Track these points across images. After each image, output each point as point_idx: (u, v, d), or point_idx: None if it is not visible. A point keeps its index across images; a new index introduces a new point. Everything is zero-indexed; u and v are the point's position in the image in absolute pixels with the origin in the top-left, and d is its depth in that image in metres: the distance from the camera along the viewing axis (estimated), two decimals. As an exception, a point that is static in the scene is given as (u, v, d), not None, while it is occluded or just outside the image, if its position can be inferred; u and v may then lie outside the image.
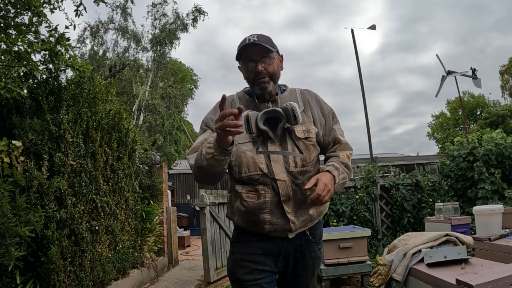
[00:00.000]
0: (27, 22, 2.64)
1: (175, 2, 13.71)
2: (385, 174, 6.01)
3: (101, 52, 13.36)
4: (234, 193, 1.43)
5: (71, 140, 2.87)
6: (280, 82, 1.52)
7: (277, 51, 1.46)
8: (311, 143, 1.41)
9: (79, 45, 13.04)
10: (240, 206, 1.39)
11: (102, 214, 3.26)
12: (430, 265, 1.96)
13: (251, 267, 1.39)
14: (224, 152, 1.21)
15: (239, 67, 1.49)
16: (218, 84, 47.39)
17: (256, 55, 1.39)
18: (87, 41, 13.25)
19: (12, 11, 2.63)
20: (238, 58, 1.45)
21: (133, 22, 13.53)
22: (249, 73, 1.42)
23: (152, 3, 13.52)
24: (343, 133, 1.53)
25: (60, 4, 2.99)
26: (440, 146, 28.96)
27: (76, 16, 3.26)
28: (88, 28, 13.19)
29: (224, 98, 1.16)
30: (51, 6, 2.90)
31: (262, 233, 1.39)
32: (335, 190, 1.35)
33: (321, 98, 1.56)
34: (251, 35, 1.41)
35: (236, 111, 1.13)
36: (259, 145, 1.37)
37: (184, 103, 19.60)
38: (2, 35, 2.37)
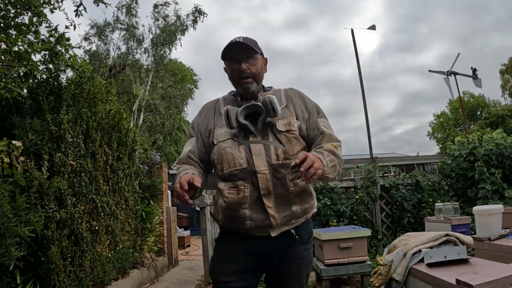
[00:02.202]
0: (27, 22, 2.63)
1: (176, 3, 13.74)
2: (385, 174, 6.00)
3: (103, 51, 13.40)
4: (218, 190, 1.45)
5: (71, 140, 2.87)
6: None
7: (261, 54, 1.50)
8: (293, 135, 1.42)
9: (85, 43, 13.11)
10: (222, 202, 1.41)
11: (102, 214, 3.26)
12: (430, 265, 1.96)
13: (229, 268, 1.41)
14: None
15: (224, 68, 1.53)
16: (217, 84, 47.35)
17: (240, 55, 1.43)
18: (92, 39, 13.31)
19: (12, 11, 2.63)
20: (223, 57, 1.49)
21: (137, 22, 13.58)
22: (233, 72, 1.46)
23: (154, 5, 13.55)
24: (329, 127, 1.52)
25: (60, 4, 2.99)
26: (440, 146, 28.94)
27: (76, 16, 3.26)
28: (93, 27, 13.23)
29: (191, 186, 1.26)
30: (51, 6, 2.90)
31: (244, 229, 1.39)
32: (327, 172, 1.31)
33: (306, 95, 1.58)
34: (237, 37, 1.45)
35: (183, 194, 1.23)
36: (240, 138, 1.39)
37: (184, 103, 19.63)
38: (2, 35, 2.37)
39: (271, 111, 1.35)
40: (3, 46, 2.45)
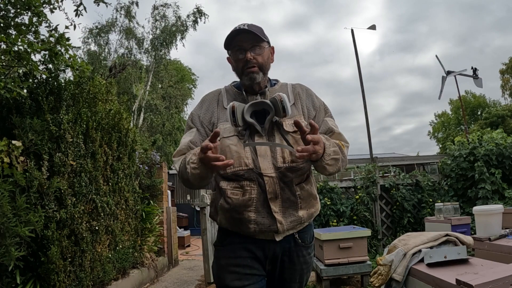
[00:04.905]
0: (27, 22, 2.63)
1: (177, 6, 13.75)
2: (385, 174, 6.01)
3: (104, 52, 13.43)
4: (219, 190, 1.35)
5: (71, 140, 2.87)
6: (276, 79, 1.49)
7: (268, 42, 1.40)
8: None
9: (83, 45, 13.15)
10: (224, 203, 1.31)
11: (102, 214, 3.26)
12: (430, 265, 1.96)
13: (239, 272, 1.31)
14: (210, 172, 1.20)
15: (228, 58, 1.44)
16: (217, 84, 47.40)
17: (246, 43, 1.33)
18: (90, 40, 13.34)
19: (12, 11, 2.63)
20: (227, 46, 1.38)
21: (137, 23, 13.59)
22: (238, 62, 1.36)
23: (154, 6, 13.56)
24: (337, 127, 1.43)
25: (60, 4, 2.99)
26: (440, 146, 28.94)
27: (76, 16, 3.26)
28: (92, 29, 13.26)
29: (216, 133, 1.13)
30: (51, 6, 2.90)
31: (247, 233, 1.31)
32: (327, 163, 1.25)
33: (313, 92, 1.49)
34: (241, 24, 1.34)
35: (211, 145, 1.11)
36: (246, 138, 1.30)
37: (184, 103, 19.63)
38: (2, 35, 2.37)
39: (281, 111, 1.26)
40: (3, 46, 2.45)
